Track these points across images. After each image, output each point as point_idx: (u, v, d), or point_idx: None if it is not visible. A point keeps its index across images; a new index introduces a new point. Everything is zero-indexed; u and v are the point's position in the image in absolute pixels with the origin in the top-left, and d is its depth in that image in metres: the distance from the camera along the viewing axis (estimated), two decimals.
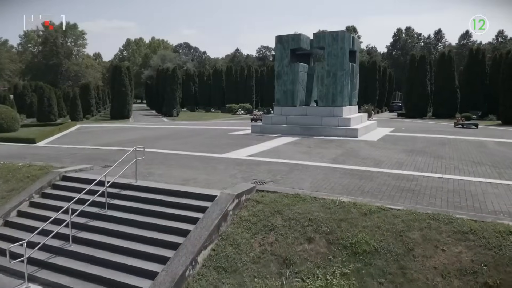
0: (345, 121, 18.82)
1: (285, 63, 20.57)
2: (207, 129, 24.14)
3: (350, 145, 15.25)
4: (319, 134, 18.59)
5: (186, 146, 15.59)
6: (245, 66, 63.61)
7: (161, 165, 11.37)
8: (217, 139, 18.04)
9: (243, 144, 15.69)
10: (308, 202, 7.70)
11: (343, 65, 19.15)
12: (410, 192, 8.31)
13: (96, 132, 24.20)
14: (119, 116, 40.32)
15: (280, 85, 20.88)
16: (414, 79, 39.94)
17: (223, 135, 19.80)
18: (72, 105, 39.91)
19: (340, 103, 19.45)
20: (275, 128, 19.98)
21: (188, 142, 17.01)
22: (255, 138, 17.84)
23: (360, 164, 11.26)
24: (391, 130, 22.12)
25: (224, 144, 15.81)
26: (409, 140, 16.99)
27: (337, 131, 18.37)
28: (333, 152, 13.57)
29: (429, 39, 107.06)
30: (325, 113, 19.60)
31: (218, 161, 11.86)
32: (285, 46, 20.49)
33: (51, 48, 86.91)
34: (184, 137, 19.33)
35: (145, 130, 24.56)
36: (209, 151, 13.91)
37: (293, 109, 20.59)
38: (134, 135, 20.78)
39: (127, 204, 8.34)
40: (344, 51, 19.11)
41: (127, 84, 41.11)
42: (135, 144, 15.74)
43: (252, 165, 11.13)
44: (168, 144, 16.30)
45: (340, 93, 19.37)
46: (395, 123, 30.11)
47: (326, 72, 19.50)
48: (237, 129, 23.56)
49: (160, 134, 21.10)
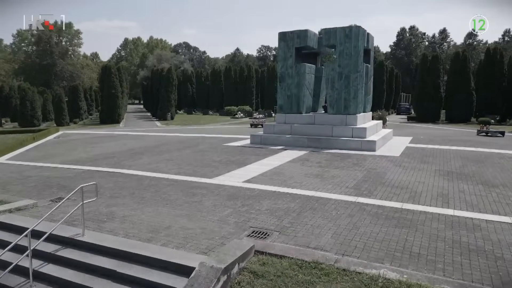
0: (360, 131, 16.11)
1: (289, 64, 17.86)
2: (200, 138, 21.45)
3: (370, 164, 12.54)
4: (330, 146, 15.89)
5: (171, 164, 12.89)
6: (245, 67, 60.81)
7: (131, 198, 8.67)
8: (209, 153, 15.34)
9: (240, 162, 13.00)
10: (335, 279, 5.00)
11: (357, 66, 16.44)
12: (482, 255, 5.61)
13: (75, 141, 21.51)
14: (109, 121, 37.53)
15: (284, 89, 18.16)
16: (426, 80, 37.15)
17: (217, 147, 17.10)
18: (57, 108, 37.05)
19: (354, 110, 16.74)
20: (277, 138, 17.27)
21: (174, 158, 14.30)
22: (254, 153, 15.15)
23: (392, 197, 8.56)
24: (409, 140, 19.41)
25: (216, 162, 13.11)
26: (438, 156, 14.27)
27: (351, 144, 15.66)
28: (351, 174, 10.87)
29: (434, 38, 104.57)
30: (336, 121, 16.89)
31: (206, 192, 9.15)
32: (290, 44, 17.77)
33: (45, 48, 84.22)
34: (172, 150, 16.63)
35: (132, 139, 21.87)
36: (197, 173, 11.22)
37: (298, 116, 17.88)
38: (115, 147, 18.08)
39: (63, 273, 5.64)
40: (359, 50, 16.40)
41: (118, 86, 38.21)
42: (112, 161, 12.94)
43: (250, 200, 8.43)
44: (150, 161, 13.61)
45: (354, 98, 16.66)
46: (409, 129, 27.41)
47: (338, 74, 16.78)
48: (234, 138, 20.86)
49: (146, 146, 18.41)
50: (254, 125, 30.66)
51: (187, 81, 61.61)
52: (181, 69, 71.03)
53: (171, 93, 42.23)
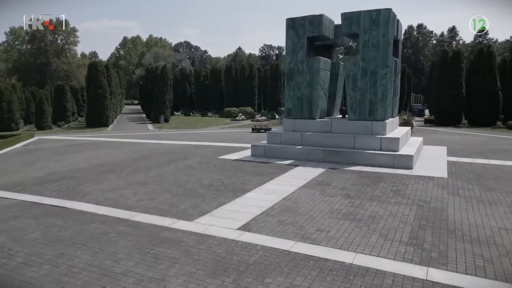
0: (391, 142, 12.67)
1: (299, 58, 14.44)
2: (192, 148, 18.07)
3: (415, 191, 9.09)
4: (352, 161, 12.48)
5: (142, 191, 9.48)
6: (246, 65, 57.32)
7: (49, 270, 5.25)
8: (198, 171, 11.94)
9: (236, 187, 9.58)
10: None
11: (387, 60, 13.01)
12: None
13: (43, 151, 18.14)
14: (96, 124, 34.10)
15: (293, 89, 14.75)
16: (446, 79, 33.61)
17: (210, 162, 13.69)
18: (37, 110, 33.62)
19: (382, 116, 13.31)
20: (285, 150, 13.86)
21: (150, 179, 10.90)
22: (255, 170, 11.73)
23: (482, 267, 5.11)
24: (445, 150, 15.94)
25: (204, 187, 9.68)
26: (499, 177, 10.77)
27: (380, 159, 12.22)
28: (398, 213, 7.43)
29: (443, 36, 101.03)
30: (359, 130, 13.47)
31: (178, 254, 5.71)
32: (300, 33, 14.35)
33: (39, 46, 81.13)
34: (151, 166, 13.24)
35: (111, 148, 18.49)
36: (173, 209, 7.81)
37: (311, 123, 14.47)
38: (84, 160, 14.71)
39: None
40: (389, 40, 12.96)
41: (105, 85, 34.72)
42: (67, 184, 9.99)
43: (248, 274, 4.99)
44: (116, 184, 10.21)
45: (382, 100, 13.23)
46: (434, 135, 23.90)
47: (361, 70, 13.35)
48: (231, 147, 17.47)
49: (123, 158, 15.03)
50: (256, 130, 27.20)
51: (185, 81, 58.22)
52: (179, 67, 67.55)
53: (165, 93, 38.74)
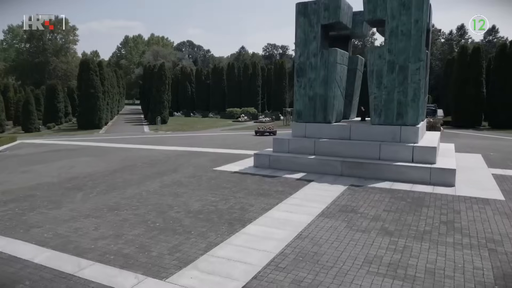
0: (426, 152, 10.31)
1: (312, 50, 12.11)
2: (185, 156, 15.81)
3: (474, 223, 6.74)
4: (378, 175, 10.15)
5: (106, 221, 7.17)
6: (249, 64, 55.00)
7: None
8: (186, 190, 9.66)
9: (233, 216, 7.26)
10: None
11: (420, 52, 10.66)
12: None
13: (14, 159, 15.89)
14: (88, 125, 31.89)
15: (303, 87, 12.43)
16: (465, 78, 31.12)
17: (203, 175, 11.39)
18: (24, 112, 31.48)
19: (413, 119, 10.97)
20: (294, 161, 11.53)
21: (124, 203, 8.59)
22: (259, 189, 9.42)
23: None
24: (480, 159, 13.58)
25: (191, 215, 7.36)
26: None
27: (412, 173, 9.88)
28: (467, 266, 5.07)
29: (451, 35, 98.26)
30: (386, 136, 11.13)
31: None
32: (313, 21, 12.03)
33: (38, 45, 79.32)
34: (131, 181, 10.97)
35: (93, 155, 16.21)
36: (142, 257, 5.46)
37: (325, 128, 12.14)
38: (55, 172, 12.44)
39: None
40: (422, 27, 10.62)
41: (98, 84, 32.49)
42: (15, 209, 7.78)
43: None
44: (78, 211, 7.91)
45: (413, 101, 10.88)
46: (457, 139, 21.47)
47: (388, 64, 11.01)
48: (231, 155, 15.19)
49: (101, 170, 12.77)
50: (259, 133, 24.86)
51: (186, 80, 55.99)
52: (180, 66, 65.32)
53: (163, 93, 36.46)
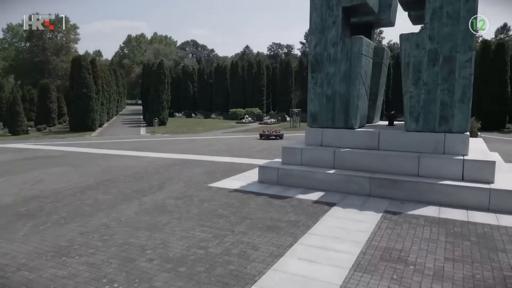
0: (481, 168, 7.98)
1: (331, 38, 9.84)
2: (177, 166, 13.60)
3: None
4: (419, 197, 7.86)
5: (41, 282, 4.98)
6: (254, 62, 52.76)
7: None
8: (168, 221, 7.43)
9: (228, 271, 4.94)
10: None
11: (471, 39, 8.36)
12: None
13: None
14: (80, 127, 29.77)
15: (320, 84, 10.14)
16: (489, 77, 28.67)
17: (195, 195, 9.13)
18: (11, 113, 29.41)
19: (462, 125, 8.64)
20: (310, 176, 9.25)
21: (80, 242, 6.35)
22: (265, 219, 7.16)
23: None
24: None
25: (167, 270, 5.05)
26: None
27: (464, 195, 7.58)
28: None
29: None
30: (426, 146, 8.82)
31: None
32: (332, 2, 9.76)
33: (37, 44, 77.64)
34: (102, 204, 8.76)
35: (70, 165, 13.94)
36: None
37: (348, 134, 9.85)
38: (17, 189, 10.26)
39: None
40: (474, 7, 8.31)
41: (91, 84, 30.34)
42: None
43: None
44: (12, 255, 5.72)
45: (462, 101, 8.56)
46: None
47: (428, 55, 8.71)
48: (232, 165, 12.96)
49: (72, 186, 10.57)
50: (265, 136, 22.59)
51: (188, 79, 53.89)
52: (181, 65, 63.20)
53: (162, 92, 34.31)
